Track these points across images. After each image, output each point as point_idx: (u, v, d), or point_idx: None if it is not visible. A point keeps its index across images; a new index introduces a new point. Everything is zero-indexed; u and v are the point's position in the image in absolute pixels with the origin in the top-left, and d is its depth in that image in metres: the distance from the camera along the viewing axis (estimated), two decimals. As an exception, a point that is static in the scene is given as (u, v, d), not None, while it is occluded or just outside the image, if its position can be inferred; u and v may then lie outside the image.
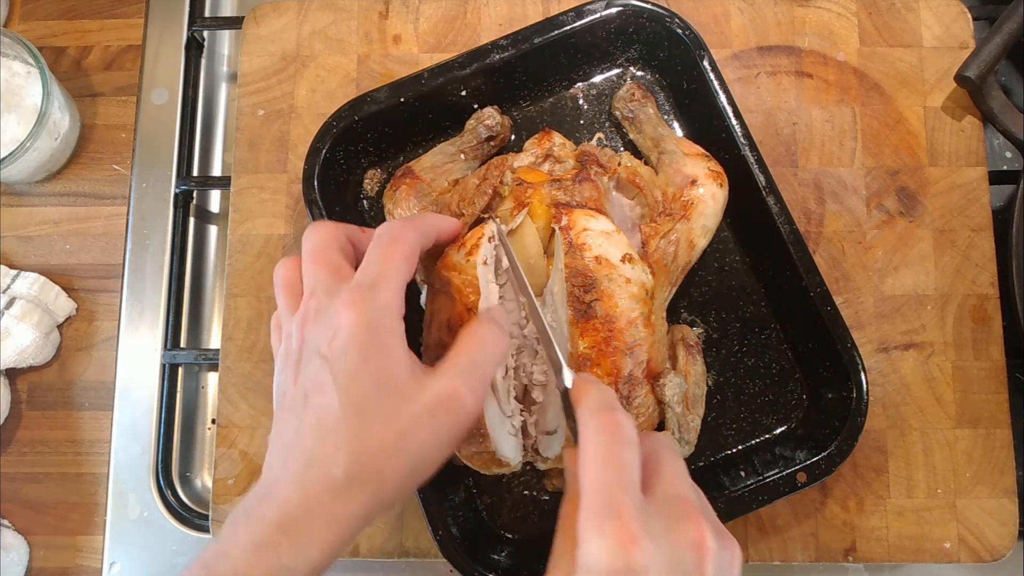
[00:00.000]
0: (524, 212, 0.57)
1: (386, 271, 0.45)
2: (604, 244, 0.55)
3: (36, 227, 0.74)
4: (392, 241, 0.46)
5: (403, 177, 0.63)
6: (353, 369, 0.42)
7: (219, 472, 0.66)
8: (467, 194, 0.60)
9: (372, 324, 0.43)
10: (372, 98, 0.63)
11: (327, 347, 0.43)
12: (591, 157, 0.61)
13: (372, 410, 0.42)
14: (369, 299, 0.43)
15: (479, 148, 0.65)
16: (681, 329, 0.63)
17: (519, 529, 0.63)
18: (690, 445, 0.60)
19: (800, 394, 0.65)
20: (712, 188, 0.61)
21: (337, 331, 0.42)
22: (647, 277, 0.56)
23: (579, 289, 0.54)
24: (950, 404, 0.66)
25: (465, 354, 0.45)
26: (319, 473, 0.41)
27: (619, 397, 0.54)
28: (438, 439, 0.42)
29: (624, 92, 0.66)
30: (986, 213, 0.68)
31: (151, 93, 0.77)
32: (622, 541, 0.35)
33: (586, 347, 0.54)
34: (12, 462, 0.71)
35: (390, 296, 0.44)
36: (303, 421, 0.42)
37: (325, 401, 0.42)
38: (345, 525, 0.41)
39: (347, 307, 0.43)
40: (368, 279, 0.44)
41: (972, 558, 0.64)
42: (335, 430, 0.41)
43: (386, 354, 0.43)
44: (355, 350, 0.42)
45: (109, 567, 0.69)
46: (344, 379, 0.42)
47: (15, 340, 0.69)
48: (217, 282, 0.78)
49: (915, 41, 0.71)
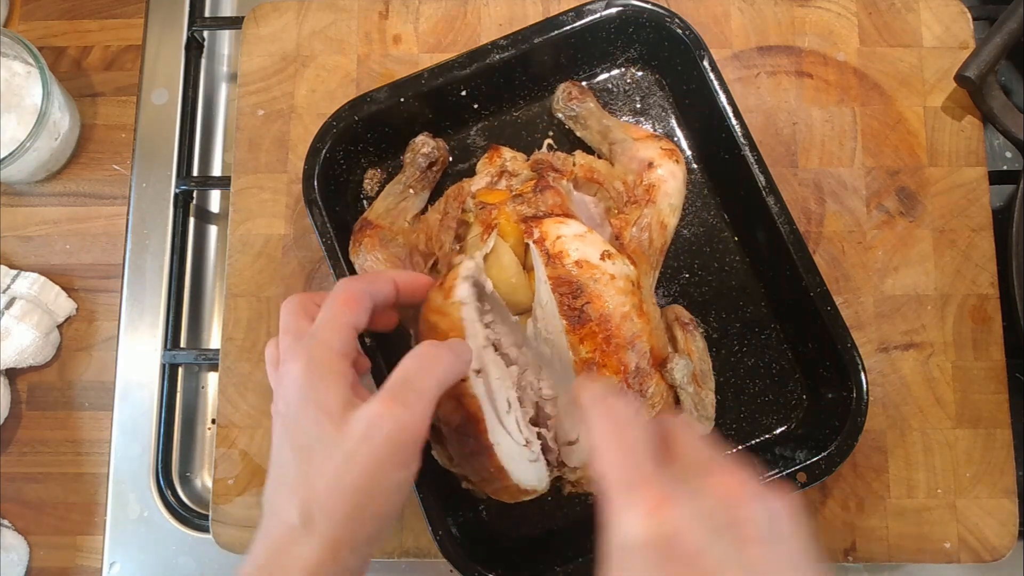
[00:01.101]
0: (494, 234, 0.57)
1: (326, 318, 0.46)
2: (581, 247, 0.55)
3: (36, 227, 0.74)
4: (335, 293, 0.47)
5: (362, 231, 0.62)
6: (295, 414, 0.44)
7: (219, 472, 0.66)
8: (432, 231, 0.61)
9: (309, 366, 0.44)
10: (372, 98, 0.63)
11: (281, 403, 0.45)
12: (545, 164, 0.61)
13: (315, 448, 0.43)
14: (308, 346, 0.45)
15: (424, 178, 0.64)
16: (673, 310, 0.63)
17: (519, 529, 0.63)
18: (710, 420, 0.60)
19: (800, 394, 0.65)
20: (669, 166, 0.61)
21: (283, 384, 0.45)
22: (630, 268, 0.56)
23: (568, 297, 0.54)
24: (950, 404, 0.66)
25: (397, 374, 0.45)
26: (279, 522, 0.42)
27: (632, 392, 0.54)
28: (378, 464, 0.42)
29: (561, 93, 0.66)
30: (986, 213, 0.68)
31: (151, 93, 0.77)
32: (650, 507, 0.35)
33: (588, 352, 0.54)
34: (12, 462, 0.71)
35: (329, 336, 0.45)
36: (270, 477, 0.45)
37: (279, 452, 0.44)
38: (312, 571, 0.41)
39: (290, 359, 0.45)
40: (311, 331, 0.46)
41: (972, 558, 0.64)
42: (287, 477, 0.43)
43: (322, 390, 0.43)
44: (296, 396, 0.44)
45: (109, 567, 0.69)
46: (290, 425, 0.44)
47: (15, 340, 0.69)
48: (217, 282, 0.78)
49: (915, 41, 0.71)
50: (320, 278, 0.68)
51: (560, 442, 0.57)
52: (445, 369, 0.46)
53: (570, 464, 0.58)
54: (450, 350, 0.47)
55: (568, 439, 0.57)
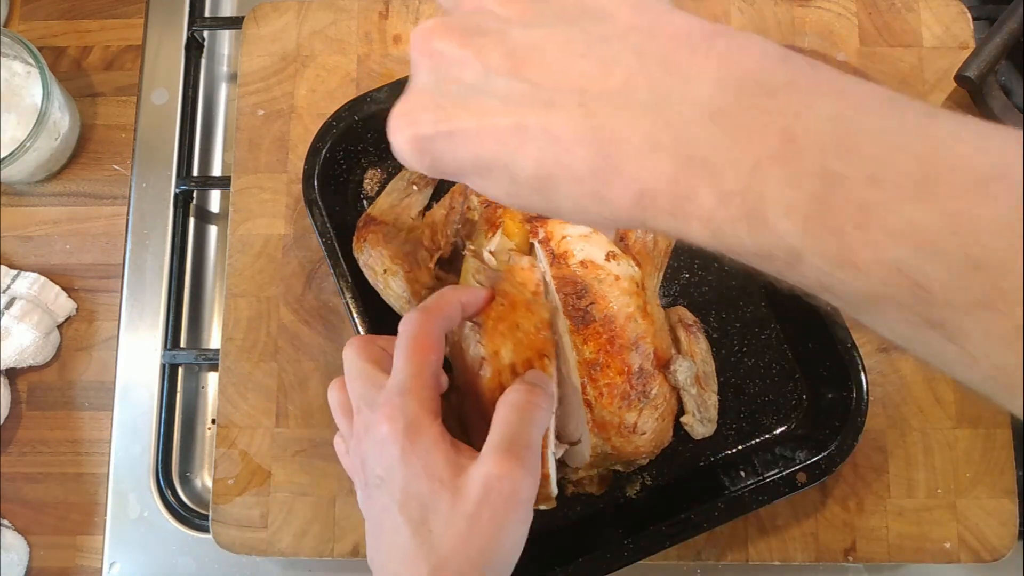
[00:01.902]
0: (499, 233, 0.57)
1: (410, 372, 0.44)
2: (585, 247, 0.55)
3: (36, 227, 0.74)
4: (413, 340, 0.45)
5: (366, 227, 0.62)
6: (404, 483, 0.42)
7: (219, 472, 0.66)
8: (438, 226, 0.60)
9: (409, 430, 0.42)
10: (372, 98, 0.63)
11: (381, 468, 0.43)
12: None
13: (432, 519, 0.41)
14: (399, 408, 0.43)
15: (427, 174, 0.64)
16: (677, 311, 0.62)
17: (519, 529, 0.63)
18: (712, 422, 0.60)
19: (800, 394, 0.65)
20: None
21: (384, 448, 0.43)
22: (634, 270, 0.56)
23: (572, 297, 0.54)
24: (950, 404, 0.66)
25: (501, 430, 0.44)
26: None
27: (635, 393, 0.54)
28: (501, 525, 0.41)
29: None
30: (986, 213, 0.68)
31: (151, 93, 0.77)
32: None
33: (592, 352, 0.54)
34: (12, 462, 0.71)
35: (421, 395, 0.43)
36: (381, 548, 0.44)
37: (392, 524, 0.42)
38: None
39: (383, 421, 0.43)
40: (396, 386, 0.44)
41: (972, 558, 0.64)
42: (405, 547, 0.42)
43: (430, 459, 0.42)
44: (400, 464, 0.42)
45: (109, 567, 0.69)
46: (401, 496, 0.42)
47: (15, 340, 0.69)
48: (217, 282, 0.78)
49: (915, 41, 0.71)
50: (320, 278, 0.68)
51: (564, 442, 0.57)
52: (545, 414, 0.46)
53: (572, 465, 0.58)
54: (544, 391, 0.46)
55: (571, 440, 0.57)
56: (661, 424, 0.56)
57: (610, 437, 0.55)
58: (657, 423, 0.56)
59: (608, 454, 0.56)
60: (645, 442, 0.56)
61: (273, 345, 0.67)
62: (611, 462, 0.58)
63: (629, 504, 0.63)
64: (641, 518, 0.60)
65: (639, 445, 0.56)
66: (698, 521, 0.57)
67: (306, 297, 0.68)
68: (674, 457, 0.63)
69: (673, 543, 0.57)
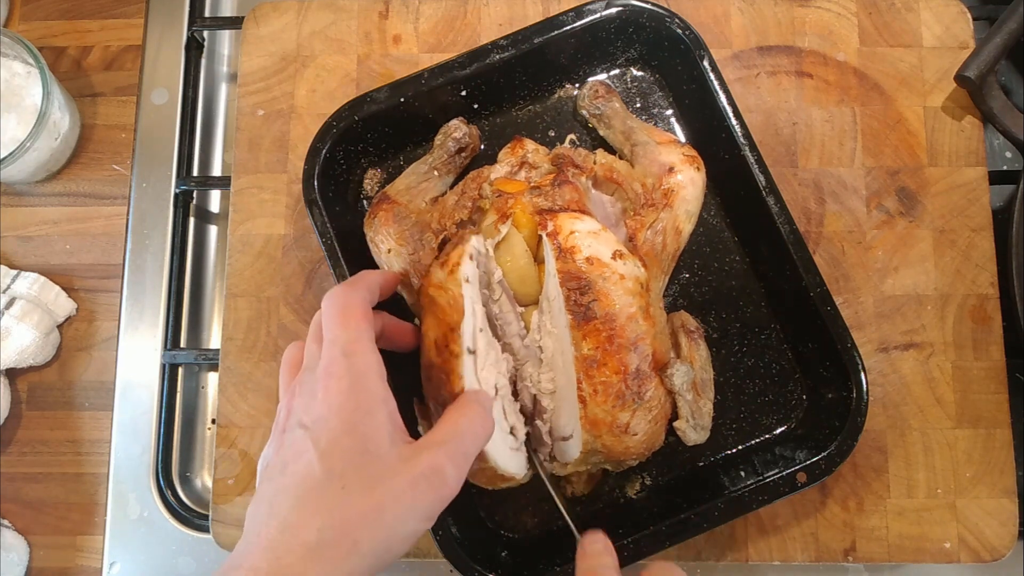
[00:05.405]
0: (508, 223, 0.57)
1: (351, 336, 0.45)
2: (593, 244, 0.55)
3: (36, 227, 0.74)
4: (344, 309, 0.46)
5: (380, 204, 0.62)
6: (335, 436, 0.43)
7: (219, 472, 0.66)
8: (447, 210, 0.61)
9: (354, 388, 0.43)
10: (372, 98, 0.63)
11: (309, 417, 0.44)
12: (566, 159, 0.61)
13: (352, 478, 0.42)
14: (345, 367, 0.44)
15: (451, 162, 0.65)
16: (680, 316, 0.63)
17: (519, 529, 0.63)
18: (705, 430, 0.60)
19: (800, 394, 0.65)
20: (690, 173, 0.61)
21: (319, 400, 0.43)
22: (640, 271, 0.56)
23: (575, 292, 0.54)
24: (950, 404, 0.66)
25: (450, 429, 0.45)
26: (292, 538, 0.41)
27: (630, 393, 0.54)
28: (416, 513, 0.42)
29: (587, 91, 0.66)
30: (986, 213, 0.68)
31: (151, 93, 0.77)
32: None
33: (590, 349, 0.54)
34: (12, 462, 0.71)
35: (367, 359, 0.45)
36: (280, 488, 0.43)
37: (304, 467, 0.42)
38: None
39: (326, 376, 0.44)
40: (340, 348, 0.45)
41: (972, 558, 0.64)
42: (313, 495, 0.42)
43: (369, 422, 0.43)
44: (337, 417, 0.43)
45: (109, 567, 0.69)
46: (326, 446, 0.42)
47: (15, 340, 0.69)
48: (217, 282, 0.78)
49: (915, 41, 0.71)
50: (320, 278, 0.68)
51: (555, 437, 0.57)
52: (486, 435, 0.48)
53: (561, 460, 0.58)
54: (490, 417, 0.48)
55: (563, 434, 0.57)
56: (653, 427, 0.56)
57: (601, 435, 0.55)
58: (649, 425, 0.56)
59: (598, 452, 0.56)
60: (636, 443, 0.56)
61: (273, 345, 0.67)
62: (601, 460, 0.58)
63: (629, 504, 0.63)
64: (641, 518, 0.60)
65: (630, 446, 0.56)
66: (698, 521, 0.58)
67: (306, 297, 0.68)
68: (674, 457, 0.63)
69: (673, 543, 0.57)
